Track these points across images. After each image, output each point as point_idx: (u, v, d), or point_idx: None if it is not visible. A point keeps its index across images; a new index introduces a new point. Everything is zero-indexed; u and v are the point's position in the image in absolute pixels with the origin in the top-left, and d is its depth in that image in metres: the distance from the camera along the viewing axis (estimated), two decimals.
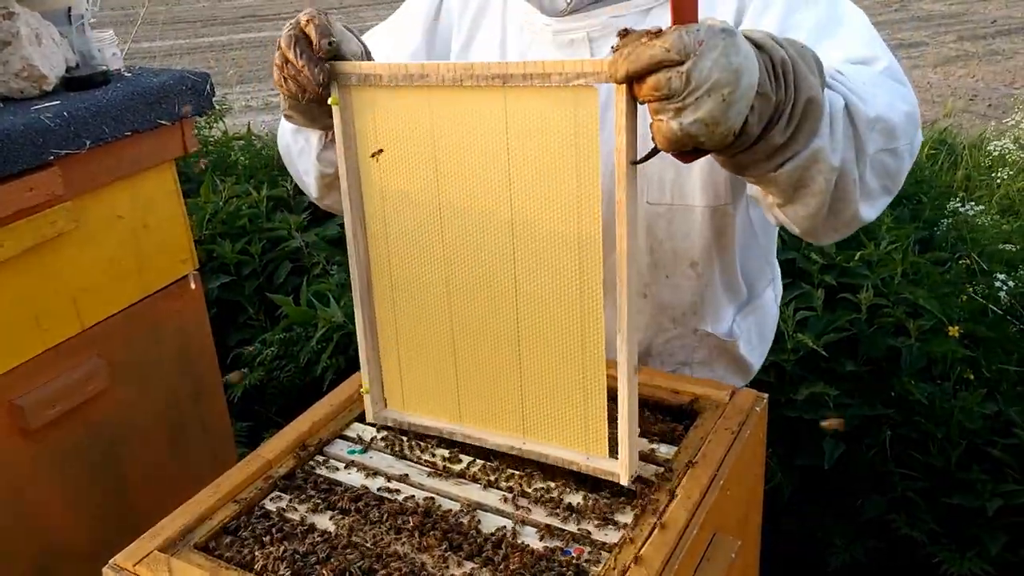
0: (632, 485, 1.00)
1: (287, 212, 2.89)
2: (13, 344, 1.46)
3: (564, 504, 1.00)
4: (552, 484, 1.04)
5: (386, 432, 1.17)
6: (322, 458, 1.13)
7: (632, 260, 0.92)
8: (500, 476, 1.07)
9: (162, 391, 1.73)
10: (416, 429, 1.15)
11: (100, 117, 1.51)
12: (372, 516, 1.01)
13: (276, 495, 1.07)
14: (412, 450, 1.13)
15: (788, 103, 0.87)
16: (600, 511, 0.99)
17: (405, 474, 1.09)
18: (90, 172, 1.53)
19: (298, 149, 1.28)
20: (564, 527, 0.97)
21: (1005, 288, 2.23)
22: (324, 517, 1.02)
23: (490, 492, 1.04)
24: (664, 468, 1.03)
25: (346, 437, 1.18)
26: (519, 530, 0.98)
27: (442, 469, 1.09)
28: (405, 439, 1.15)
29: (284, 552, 0.95)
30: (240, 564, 0.95)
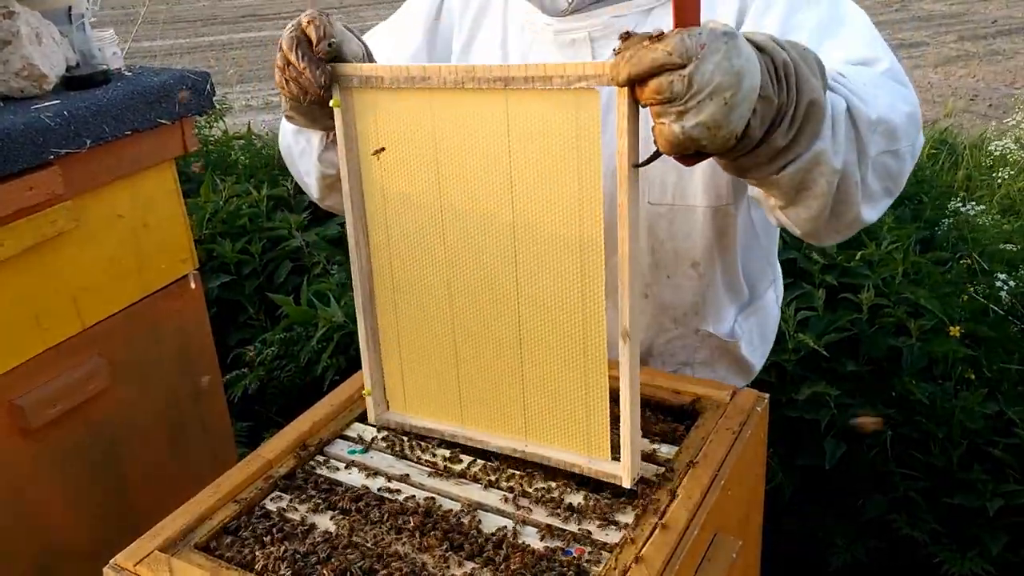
0: (633, 485, 1.00)
1: (287, 211, 2.88)
2: (13, 343, 1.46)
3: (565, 504, 1.00)
4: (553, 484, 1.04)
5: (387, 432, 1.17)
6: (323, 458, 1.13)
7: (635, 263, 0.92)
8: (501, 476, 1.06)
9: (162, 391, 1.73)
10: (418, 431, 1.15)
11: (100, 116, 1.51)
12: (373, 516, 1.01)
13: (277, 495, 1.07)
14: (413, 450, 1.13)
15: (790, 106, 0.87)
16: (601, 511, 0.98)
17: (406, 474, 1.09)
18: (90, 171, 1.53)
19: (299, 150, 1.28)
20: (565, 527, 0.97)
21: (1006, 288, 2.22)
22: (325, 517, 1.02)
23: (491, 492, 1.04)
24: (665, 468, 1.03)
25: (347, 437, 1.18)
26: (520, 530, 0.97)
27: (443, 469, 1.09)
28: (406, 439, 1.15)
29: (285, 552, 0.95)
30: (241, 564, 0.95)
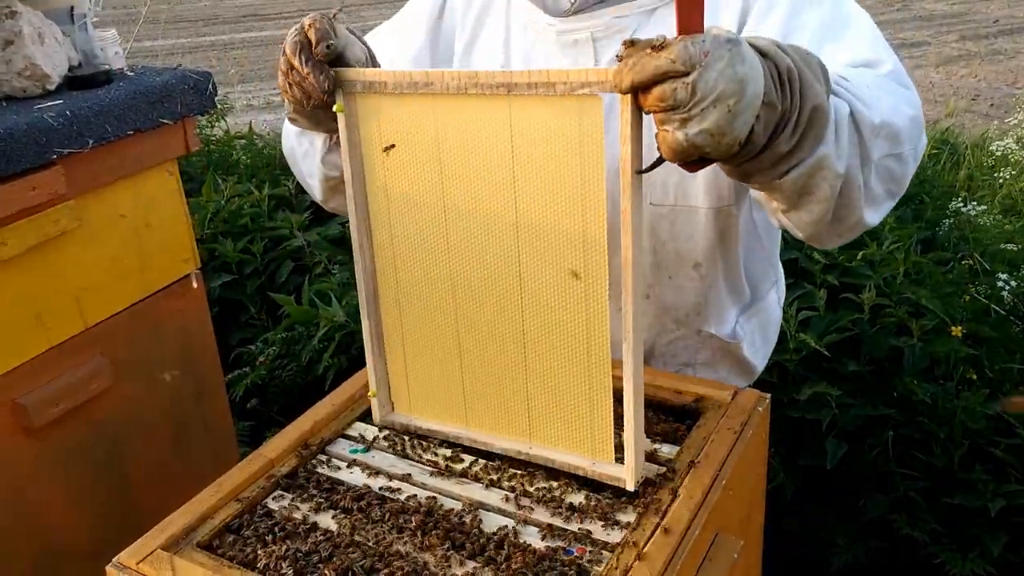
0: (636, 488, 1.00)
1: (289, 211, 2.89)
2: (16, 343, 1.46)
3: (566, 504, 1.00)
4: (554, 484, 1.04)
5: (388, 431, 1.17)
6: (324, 457, 1.13)
7: (638, 268, 0.92)
8: (502, 476, 1.07)
9: (165, 390, 1.74)
10: (423, 433, 1.15)
11: (103, 116, 1.51)
12: (374, 515, 1.01)
13: (278, 494, 1.07)
14: (414, 449, 1.13)
15: (794, 111, 0.87)
16: (602, 511, 0.98)
17: (407, 473, 1.09)
18: (93, 171, 1.53)
19: (302, 152, 1.28)
20: (566, 527, 0.97)
21: (1007, 288, 2.22)
22: (326, 516, 1.02)
23: (492, 491, 1.04)
24: (667, 468, 1.03)
25: (348, 436, 1.18)
26: (521, 530, 0.97)
27: (444, 468, 1.09)
28: (407, 438, 1.15)
29: (287, 551, 0.95)
30: (243, 563, 0.95)
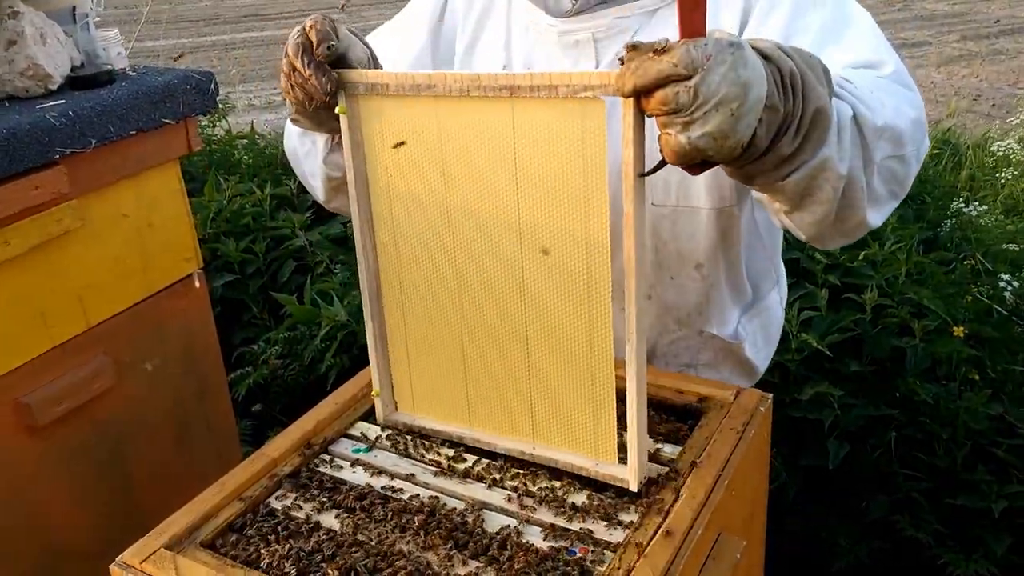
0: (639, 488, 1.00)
1: (291, 211, 2.89)
2: (19, 342, 1.46)
3: (569, 503, 1.00)
4: (557, 483, 1.04)
5: (391, 431, 1.18)
6: (327, 457, 1.13)
7: (641, 271, 0.92)
8: (505, 475, 1.07)
9: (168, 389, 1.74)
10: (426, 433, 1.16)
11: (105, 116, 1.51)
12: (377, 515, 1.01)
13: (281, 493, 1.07)
14: (417, 449, 1.13)
15: (796, 114, 0.87)
16: (605, 511, 0.99)
17: (410, 473, 1.09)
18: (95, 171, 1.53)
19: (304, 152, 1.28)
20: (569, 526, 0.97)
21: (1010, 288, 2.22)
22: (329, 515, 1.02)
23: (495, 491, 1.04)
24: (669, 468, 1.03)
25: (351, 436, 1.18)
26: (524, 529, 0.98)
27: (447, 468, 1.09)
28: (410, 438, 1.15)
29: (290, 550, 0.96)
30: (246, 562, 0.95)
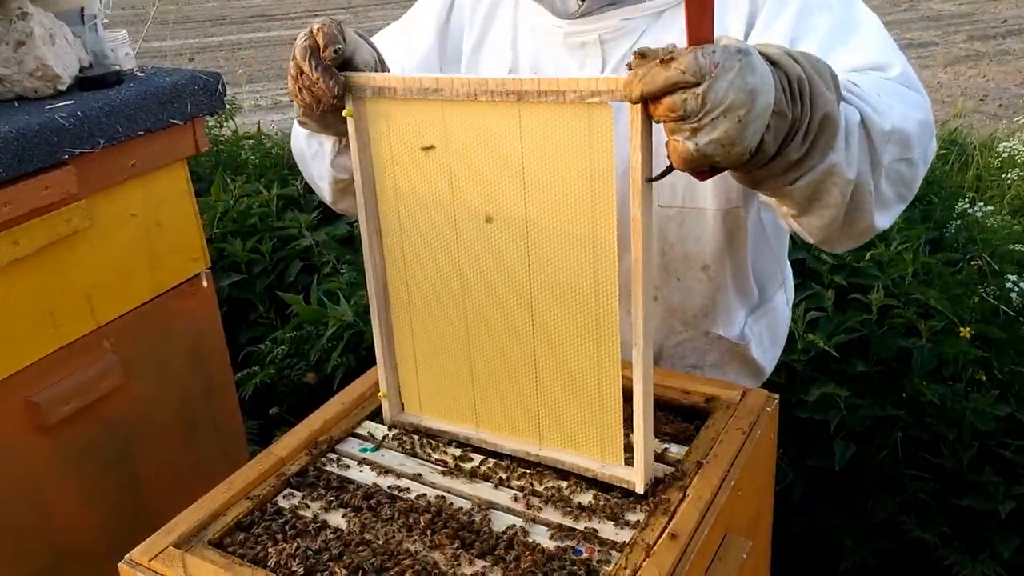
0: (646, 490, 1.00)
1: (297, 211, 2.90)
2: (28, 341, 1.47)
3: (575, 503, 1.01)
4: (563, 483, 1.04)
5: (397, 430, 1.18)
6: (334, 456, 1.14)
7: (647, 274, 0.92)
8: (511, 475, 1.07)
9: (175, 389, 1.74)
10: (433, 434, 1.16)
11: (114, 116, 1.52)
12: (384, 514, 1.02)
13: (289, 492, 1.07)
14: (423, 448, 1.14)
15: (804, 120, 0.87)
16: (611, 510, 0.99)
17: (417, 472, 1.09)
18: (104, 171, 1.54)
19: (312, 154, 1.28)
20: (575, 526, 0.97)
21: (1016, 289, 2.21)
22: (336, 515, 1.03)
23: (501, 491, 1.05)
24: (675, 468, 1.04)
25: (358, 435, 1.18)
26: (530, 529, 0.98)
27: (453, 467, 1.10)
28: (416, 437, 1.16)
29: (297, 549, 0.96)
30: (253, 561, 0.96)
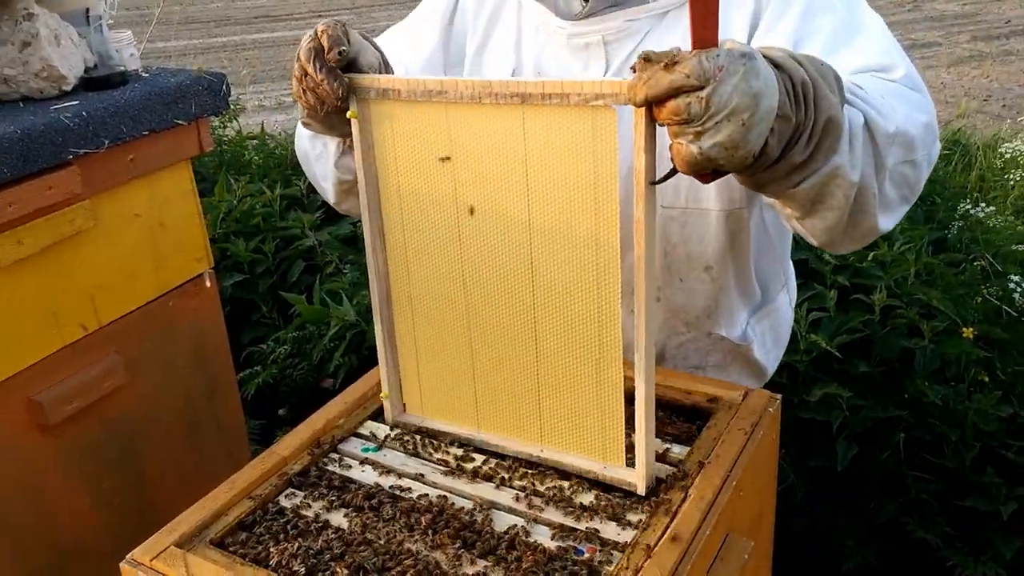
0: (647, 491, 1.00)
1: (300, 211, 2.90)
2: (32, 341, 1.48)
3: (577, 503, 1.01)
4: (565, 483, 1.04)
5: (399, 430, 1.18)
6: (336, 456, 1.14)
7: (650, 276, 0.92)
8: (513, 475, 1.07)
9: (178, 388, 1.75)
10: (435, 434, 1.16)
11: (118, 117, 1.52)
12: (386, 514, 1.02)
13: (291, 492, 1.08)
14: (425, 448, 1.14)
15: (808, 123, 0.87)
16: (613, 511, 0.99)
17: (418, 472, 1.09)
18: (108, 171, 1.55)
19: (316, 155, 1.28)
20: (577, 526, 0.98)
21: (1019, 290, 2.21)
22: (338, 514, 1.03)
23: (503, 491, 1.05)
24: (677, 468, 1.04)
25: (360, 435, 1.18)
26: (532, 529, 0.98)
27: (455, 467, 1.10)
28: (418, 437, 1.16)
29: (298, 549, 0.96)
30: (255, 560, 0.96)
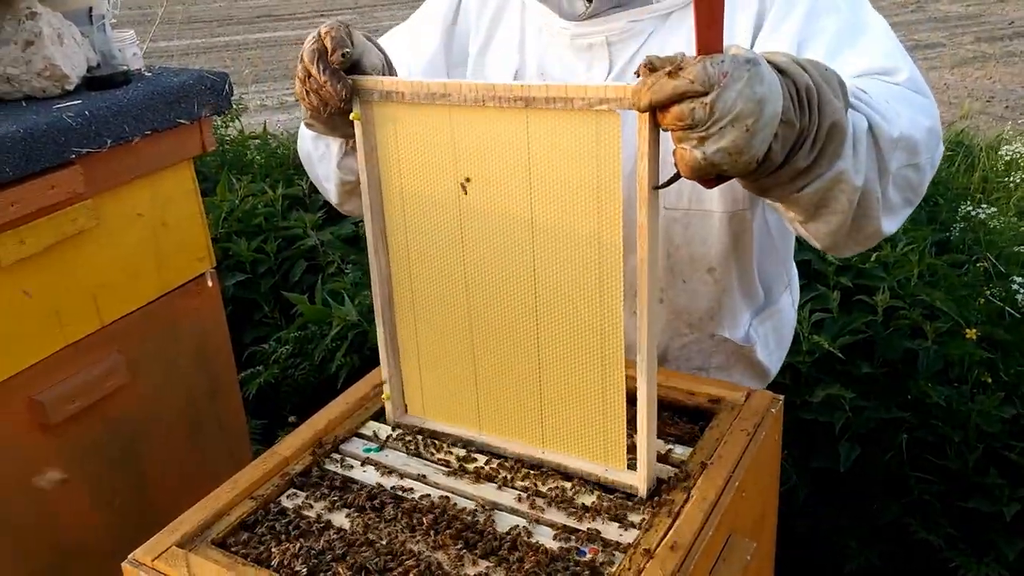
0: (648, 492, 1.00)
1: (302, 211, 2.90)
2: (34, 340, 1.48)
3: (579, 504, 1.01)
4: (567, 484, 1.04)
5: (401, 431, 1.18)
6: (338, 456, 1.14)
7: (653, 279, 0.92)
8: (515, 475, 1.07)
9: (180, 388, 1.75)
10: (437, 434, 1.16)
11: (121, 116, 1.52)
12: (387, 514, 1.02)
13: (292, 492, 1.08)
14: (427, 448, 1.14)
15: (812, 128, 0.87)
16: (615, 511, 0.99)
17: (420, 473, 1.09)
18: (111, 170, 1.54)
19: (318, 155, 1.28)
20: (579, 527, 0.97)
21: (1022, 291, 2.21)
22: (340, 515, 1.03)
23: (505, 491, 1.05)
24: (679, 469, 1.04)
25: (362, 435, 1.18)
26: (534, 529, 0.98)
27: (457, 468, 1.10)
28: (420, 438, 1.16)
29: (300, 549, 0.96)
30: (257, 560, 0.96)
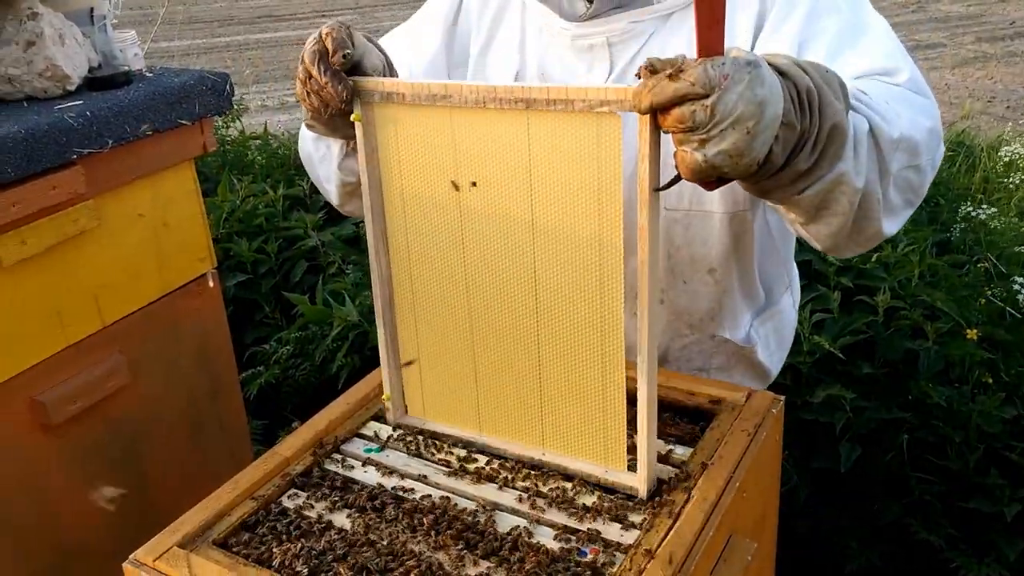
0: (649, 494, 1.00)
1: (303, 211, 2.90)
2: (35, 341, 1.48)
3: (580, 504, 1.01)
4: (568, 484, 1.04)
5: (402, 431, 1.18)
6: (339, 456, 1.14)
7: (654, 281, 0.92)
8: (516, 476, 1.07)
9: (181, 388, 1.75)
10: (437, 435, 1.16)
11: (122, 117, 1.53)
12: (388, 515, 1.02)
13: (293, 492, 1.08)
14: (428, 449, 1.14)
15: (813, 130, 0.87)
16: (616, 512, 0.99)
17: (421, 473, 1.09)
18: (112, 171, 1.55)
19: (319, 156, 1.28)
20: (580, 527, 0.97)
21: (1023, 292, 2.21)
22: (341, 515, 1.03)
23: (506, 492, 1.05)
24: (680, 470, 1.04)
25: (363, 435, 1.18)
26: (534, 530, 0.98)
27: (458, 468, 1.10)
28: (421, 438, 1.16)
29: (301, 549, 0.96)
30: (258, 561, 0.96)
